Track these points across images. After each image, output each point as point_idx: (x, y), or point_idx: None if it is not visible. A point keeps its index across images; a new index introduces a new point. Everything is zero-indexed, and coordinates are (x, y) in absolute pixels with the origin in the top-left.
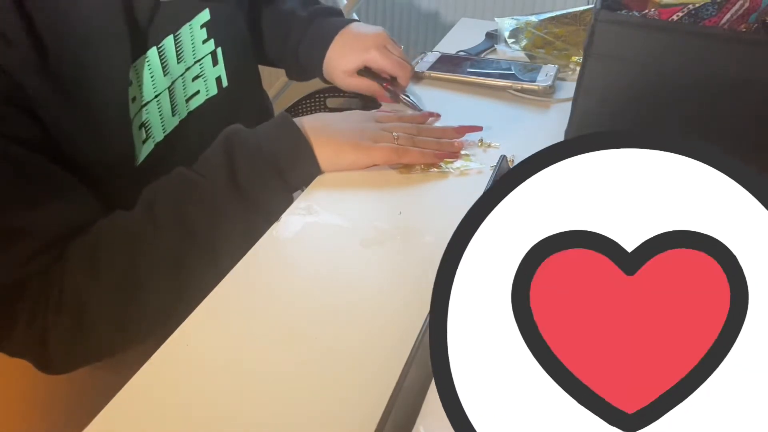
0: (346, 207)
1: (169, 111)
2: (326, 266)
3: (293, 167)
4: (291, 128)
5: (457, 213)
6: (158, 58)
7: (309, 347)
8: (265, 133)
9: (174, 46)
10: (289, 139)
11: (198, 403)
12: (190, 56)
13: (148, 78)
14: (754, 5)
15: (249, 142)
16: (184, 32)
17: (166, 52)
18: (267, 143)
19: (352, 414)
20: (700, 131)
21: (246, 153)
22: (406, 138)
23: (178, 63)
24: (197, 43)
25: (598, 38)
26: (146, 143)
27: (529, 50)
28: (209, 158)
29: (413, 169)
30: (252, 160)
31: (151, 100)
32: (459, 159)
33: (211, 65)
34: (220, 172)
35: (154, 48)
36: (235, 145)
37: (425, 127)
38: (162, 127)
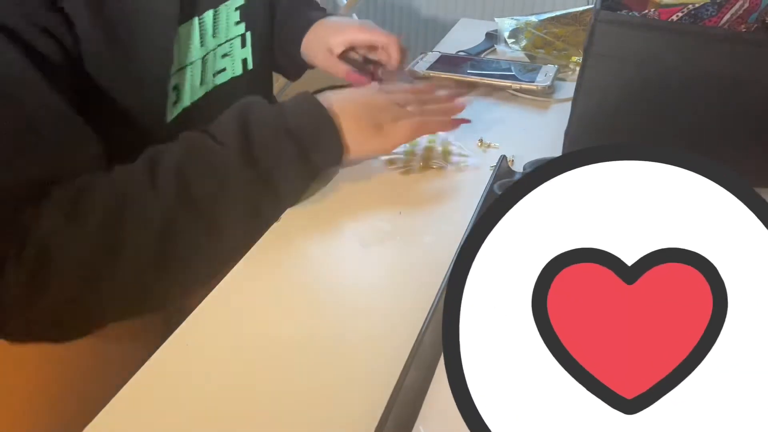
0: (346, 207)
1: (198, 81)
2: (326, 266)
3: (317, 145)
4: (315, 104)
5: (457, 213)
6: (198, 28)
7: (309, 347)
8: (285, 105)
9: (213, 20)
10: (313, 114)
11: (198, 403)
12: (223, 33)
13: (186, 44)
14: (753, 5)
15: (267, 113)
16: (222, 10)
17: (205, 25)
18: (290, 116)
19: (352, 414)
20: (699, 131)
21: (264, 123)
22: (420, 110)
23: (213, 37)
24: (230, 24)
25: (597, 38)
26: (175, 106)
27: (529, 50)
28: (223, 123)
29: (412, 168)
30: (270, 131)
31: (185, 66)
32: (456, 154)
33: (240, 46)
34: (234, 139)
35: (196, 18)
36: (253, 113)
37: (423, 94)
38: (190, 94)
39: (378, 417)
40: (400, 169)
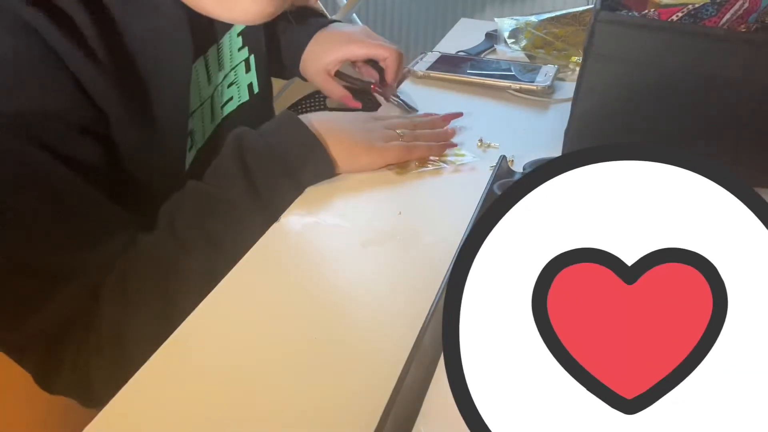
0: (346, 207)
1: (210, 118)
2: (326, 266)
3: (304, 166)
4: (299, 126)
5: (457, 213)
6: (205, 68)
7: (309, 347)
8: (272, 132)
9: (217, 54)
10: (298, 137)
11: (198, 403)
12: (227, 64)
13: (196, 87)
14: (753, 5)
15: (258, 145)
16: (224, 41)
17: (210, 61)
18: (277, 144)
19: (352, 414)
20: (699, 131)
21: (258, 157)
22: (411, 134)
23: (219, 71)
24: (234, 51)
25: (597, 38)
26: (191, 151)
27: (529, 50)
28: (222, 167)
29: (409, 168)
30: (264, 163)
31: (197, 109)
32: (452, 153)
33: (244, 72)
34: (237, 182)
35: (202, 58)
36: (246, 150)
37: (416, 119)
38: (203, 133)
39: (378, 417)
40: (396, 168)
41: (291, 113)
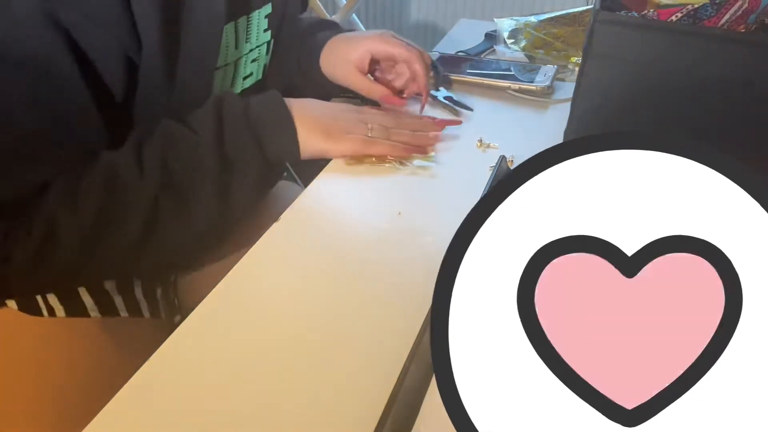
0: (346, 207)
1: (230, 82)
2: (326, 266)
3: (271, 141)
4: (279, 104)
5: (457, 213)
6: (234, 33)
7: (309, 347)
8: (255, 104)
9: (246, 25)
10: (275, 114)
11: (198, 403)
12: (254, 39)
13: (224, 46)
14: (753, 6)
15: (237, 108)
16: (254, 16)
17: (240, 29)
18: (254, 115)
19: (352, 414)
20: (698, 132)
21: (234, 118)
22: (380, 130)
23: (246, 42)
24: (260, 30)
25: (597, 39)
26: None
27: (528, 51)
28: (200, 115)
29: (364, 161)
30: (237, 124)
31: (221, 66)
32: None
33: (266, 53)
34: (209, 130)
35: (233, 23)
36: (225, 108)
37: (406, 119)
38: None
39: (378, 417)
40: (352, 161)
41: (278, 93)
